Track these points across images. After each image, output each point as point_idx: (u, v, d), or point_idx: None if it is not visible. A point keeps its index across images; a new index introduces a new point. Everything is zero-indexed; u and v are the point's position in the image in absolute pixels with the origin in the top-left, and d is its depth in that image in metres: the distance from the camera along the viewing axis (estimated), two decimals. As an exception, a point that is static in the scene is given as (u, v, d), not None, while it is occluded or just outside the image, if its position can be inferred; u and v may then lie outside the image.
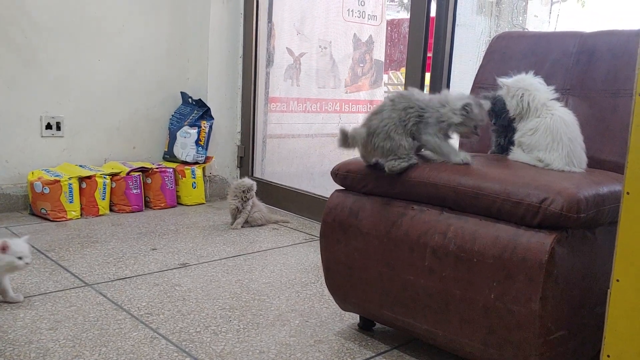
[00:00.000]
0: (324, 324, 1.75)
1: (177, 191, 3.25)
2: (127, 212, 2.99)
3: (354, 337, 1.67)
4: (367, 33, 3.43)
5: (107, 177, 2.94)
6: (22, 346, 1.50)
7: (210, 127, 3.35)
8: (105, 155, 3.23)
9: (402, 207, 1.45)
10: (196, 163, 3.31)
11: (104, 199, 2.92)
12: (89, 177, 2.87)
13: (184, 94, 3.44)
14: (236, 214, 2.84)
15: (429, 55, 2.45)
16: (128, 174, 3.01)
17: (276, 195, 3.29)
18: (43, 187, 2.75)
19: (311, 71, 3.46)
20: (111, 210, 2.99)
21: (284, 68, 3.48)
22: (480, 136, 1.47)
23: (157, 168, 3.15)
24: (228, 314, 1.78)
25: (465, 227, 1.32)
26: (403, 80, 2.67)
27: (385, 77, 3.57)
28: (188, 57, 3.48)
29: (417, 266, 1.39)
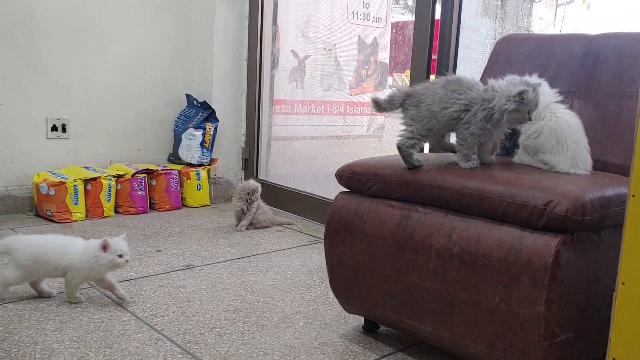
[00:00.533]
0: (328, 326, 1.75)
1: (181, 193, 3.26)
2: (132, 214, 3.00)
3: (358, 339, 1.67)
4: (372, 35, 3.43)
5: (112, 178, 2.95)
6: (28, 347, 1.51)
7: (215, 129, 3.35)
8: (110, 157, 3.25)
9: (407, 209, 1.45)
10: (201, 165, 3.32)
11: (109, 200, 2.93)
12: (94, 179, 2.88)
13: (189, 96, 3.45)
14: (241, 215, 2.84)
15: (434, 57, 2.45)
16: (133, 175, 3.02)
17: (281, 198, 3.29)
18: (48, 188, 2.76)
19: (316, 73, 3.46)
20: (116, 212, 3.00)
21: (288, 70, 3.48)
22: (531, 120, 1.44)
23: (162, 170, 3.16)
24: (232, 315, 1.79)
25: (470, 229, 1.32)
26: (408, 83, 2.67)
27: (389, 79, 3.57)
28: (193, 60, 3.49)
29: (422, 268, 1.39)
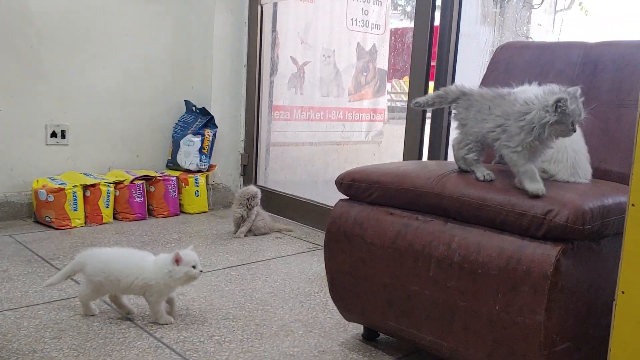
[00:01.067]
0: (327, 334, 1.74)
1: (180, 199, 3.25)
2: (131, 221, 3.00)
3: (357, 347, 1.66)
4: (371, 42, 3.44)
5: (111, 185, 2.95)
6: (26, 355, 1.50)
7: (214, 135, 3.36)
8: (109, 164, 3.24)
9: (407, 217, 1.45)
10: (199, 171, 3.32)
11: (107, 207, 2.93)
12: (93, 185, 2.88)
13: (187, 102, 3.45)
14: (240, 222, 2.83)
15: (433, 64, 2.46)
16: (132, 182, 3.02)
17: (279, 204, 3.29)
18: (47, 195, 2.76)
19: (315, 80, 3.47)
20: (115, 219, 3.00)
21: (287, 76, 3.49)
22: (576, 131, 1.29)
23: (161, 176, 3.15)
24: (232, 323, 1.78)
25: (470, 238, 1.32)
26: (406, 89, 2.67)
27: (388, 85, 3.58)
28: (192, 66, 3.49)
29: (422, 277, 1.39)
